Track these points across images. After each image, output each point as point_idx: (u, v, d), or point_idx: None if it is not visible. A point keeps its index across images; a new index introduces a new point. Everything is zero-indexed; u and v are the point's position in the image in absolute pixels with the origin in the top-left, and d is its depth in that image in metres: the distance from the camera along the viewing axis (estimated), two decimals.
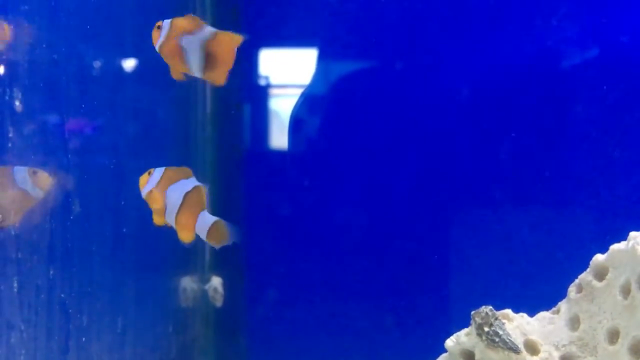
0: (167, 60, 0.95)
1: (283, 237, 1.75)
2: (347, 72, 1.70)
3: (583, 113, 1.50)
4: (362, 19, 1.65)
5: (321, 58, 1.70)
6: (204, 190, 1.02)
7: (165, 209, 1.00)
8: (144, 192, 1.00)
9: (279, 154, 1.76)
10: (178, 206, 1.00)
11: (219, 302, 1.73)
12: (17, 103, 0.97)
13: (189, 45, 0.95)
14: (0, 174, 0.94)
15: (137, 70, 1.40)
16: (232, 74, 1.74)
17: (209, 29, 0.95)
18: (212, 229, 1.01)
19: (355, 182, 1.68)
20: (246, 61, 1.74)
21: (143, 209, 1.37)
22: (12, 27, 0.97)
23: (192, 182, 1.02)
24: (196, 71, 0.94)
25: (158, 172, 1.00)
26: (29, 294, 1.03)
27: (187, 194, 1.01)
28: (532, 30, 1.53)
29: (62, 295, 1.10)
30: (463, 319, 0.99)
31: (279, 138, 1.75)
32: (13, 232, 0.97)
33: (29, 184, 0.93)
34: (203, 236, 1.02)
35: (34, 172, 0.94)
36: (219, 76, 0.96)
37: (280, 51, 1.77)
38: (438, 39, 1.60)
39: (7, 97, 0.96)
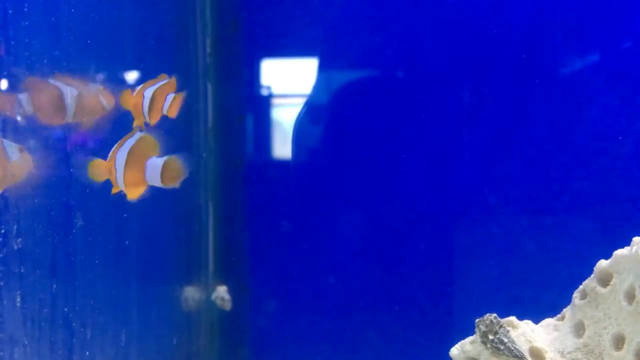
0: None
1: (287, 247, 1.75)
2: (348, 81, 1.70)
3: (585, 120, 1.50)
4: (363, 28, 1.66)
5: (322, 68, 1.71)
6: (149, 137, 0.93)
7: (116, 174, 0.91)
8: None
9: (281, 164, 1.76)
10: (123, 163, 0.91)
11: (228, 307, 1.74)
12: (18, 118, 0.98)
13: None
14: None
15: (138, 83, 1.41)
16: (234, 86, 1.76)
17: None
18: (165, 170, 0.92)
19: (358, 192, 1.68)
20: (247, 72, 1.74)
21: (145, 221, 1.38)
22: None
23: (137, 135, 0.93)
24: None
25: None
26: (32, 308, 1.03)
27: (132, 147, 0.92)
28: (533, 41, 1.53)
29: (66, 309, 1.10)
30: (467, 327, 0.98)
31: (281, 148, 1.76)
32: (16, 247, 0.98)
33: (17, 158, 0.90)
34: (156, 182, 0.92)
35: (20, 150, 0.92)
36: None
37: (281, 62, 1.78)
38: (438, 48, 1.60)
39: (7, 112, 0.97)
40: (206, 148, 1.73)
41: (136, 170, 0.92)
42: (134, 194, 0.95)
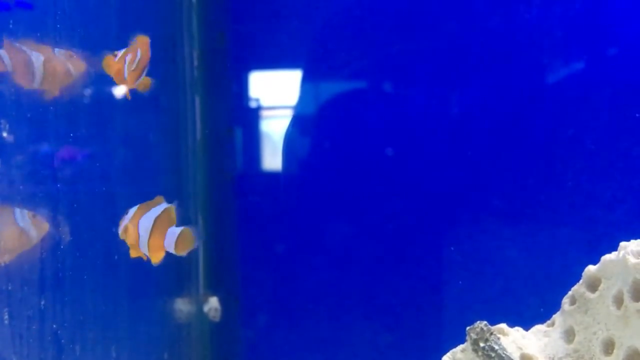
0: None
1: (277, 259, 1.75)
2: (336, 93, 1.71)
3: (575, 129, 1.51)
4: (349, 40, 1.66)
5: (310, 79, 1.71)
6: (172, 208, 1.05)
7: (139, 239, 1.02)
8: (119, 230, 1.04)
9: (271, 176, 1.76)
10: (149, 231, 1.02)
11: (218, 318, 1.74)
12: (4, 134, 0.98)
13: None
14: (1, 212, 0.96)
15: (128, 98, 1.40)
16: (222, 98, 1.76)
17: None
18: (179, 240, 1.04)
19: (348, 203, 1.68)
20: (235, 86, 1.75)
21: None
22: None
23: (162, 207, 1.05)
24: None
25: (132, 210, 1.04)
26: (20, 325, 1.02)
27: (156, 218, 1.03)
28: (524, 51, 1.55)
29: (54, 326, 1.09)
30: (458, 335, 0.98)
31: (270, 160, 1.76)
32: (3, 264, 0.97)
33: (28, 225, 0.95)
34: (171, 249, 1.04)
35: (34, 216, 0.97)
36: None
37: (269, 74, 1.79)
38: (427, 59, 1.61)
39: None
40: (195, 161, 1.72)
41: (159, 239, 1.05)
42: (157, 258, 1.06)
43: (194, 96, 1.71)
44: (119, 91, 1.09)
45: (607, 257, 0.94)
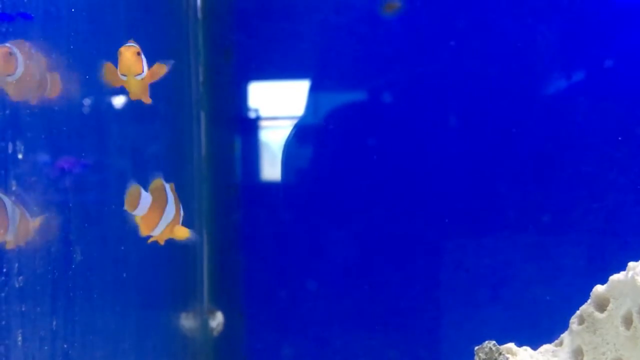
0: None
1: (282, 272, 1.75)
2: (340, 104, 1.72)
3: (577, 140, 1.52)
4: (354, 52, 1.68)
5: (315, 92, 1.72)
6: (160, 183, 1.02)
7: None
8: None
9: (276, 190, 1.77)
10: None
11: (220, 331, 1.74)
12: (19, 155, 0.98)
13: None
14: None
15: (136, 112, 1.41)
16: (227, 114, 1.77)
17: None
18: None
19: (355, 218, 1.69)
20: (241, 100, 1.76)
21: (143, 252, 1.37)
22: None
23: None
24: None
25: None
26: (33, 346, 1.02)
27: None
28: (524, 59, 1.56)
29: (65, 346, 1.09)
30: (462, 353, 0.99)
31: (275, 173, 1.77)
32: (17, 285, 0.97)
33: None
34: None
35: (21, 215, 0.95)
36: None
37: (274, 88, 1.80)
38: (426, 70, 1.62)
39: None
40: (200, 175, 1.73)
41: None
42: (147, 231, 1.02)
43: (199, 112, 1.72)
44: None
45: (615, 277, 0.95)
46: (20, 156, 0.98)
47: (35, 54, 1.02)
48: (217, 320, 1.73)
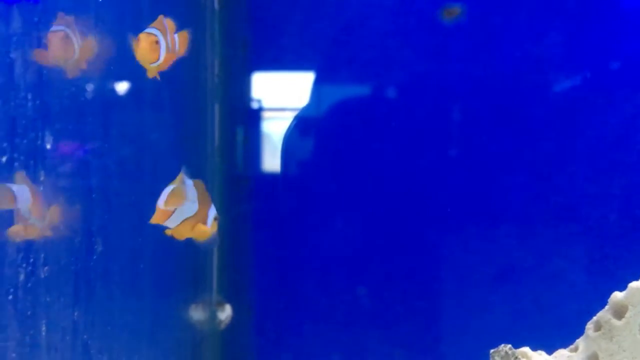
0: None
1: (290, 265, 1.76)
2: (351, 98, 1.72)
3: (580, 137, 1.53)
4: (368, 45, 1.67)
5: (330, 84, 1.72)
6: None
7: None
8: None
9: (288, 182, 1.77)
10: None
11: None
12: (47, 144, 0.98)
13: None
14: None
15: (151, 104, 1.41)
16: (241, 106, 1.76)
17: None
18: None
19: (367, 213, 1.69)
20: (255, 92, 1.75)
21: (158, 244, 1.38)
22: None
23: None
24: None
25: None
26: (55, 337, 1.02)
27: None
28: (525, 56, 1.56)
29: (85, 337, 1.10)
30: (463, 353, 0.99)
31: (288, 166, 1.76)
32: (43, 276, 0.97)
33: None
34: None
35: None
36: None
37: (289, 79, 1.79)
38: (430, 66, 1.63)
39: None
40: (212, 167, 1.73)
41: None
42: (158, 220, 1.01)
43: (213, 104, 1.72)
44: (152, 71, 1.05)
45: (634, 285, 0.95)
46: (48, 146, 0.98)
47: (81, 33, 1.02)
48: (226, 312, 1.73)
